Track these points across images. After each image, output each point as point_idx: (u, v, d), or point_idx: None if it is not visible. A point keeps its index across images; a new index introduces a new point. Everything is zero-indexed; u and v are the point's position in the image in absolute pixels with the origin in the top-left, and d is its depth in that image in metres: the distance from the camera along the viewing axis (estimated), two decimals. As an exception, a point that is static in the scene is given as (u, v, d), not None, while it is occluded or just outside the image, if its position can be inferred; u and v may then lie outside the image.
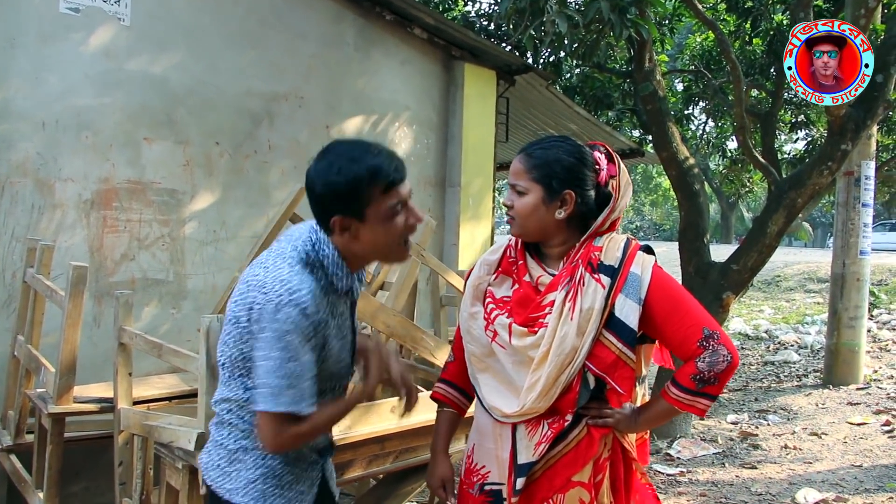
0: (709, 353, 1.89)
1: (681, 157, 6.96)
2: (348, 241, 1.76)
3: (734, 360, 1.88)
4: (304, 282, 1.68)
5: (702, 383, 1.89)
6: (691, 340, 1.90)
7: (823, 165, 6.03)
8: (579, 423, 1.97)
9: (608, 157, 2.06)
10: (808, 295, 15.95)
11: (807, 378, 9.33)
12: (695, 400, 1.92)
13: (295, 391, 1.67)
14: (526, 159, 2.00)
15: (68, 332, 3.30)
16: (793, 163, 12.34)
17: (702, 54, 10.90)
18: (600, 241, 2.00)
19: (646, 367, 2.10)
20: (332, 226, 1.74)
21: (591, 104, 9.63)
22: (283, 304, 1.64)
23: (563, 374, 1.92)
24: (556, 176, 1.96)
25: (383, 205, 1.73)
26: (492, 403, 2.03)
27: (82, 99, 4.59)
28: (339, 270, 1.77)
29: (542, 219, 1.98)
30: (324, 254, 1.76)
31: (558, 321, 1.92)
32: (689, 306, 1.95)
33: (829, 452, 6.26)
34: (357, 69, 6.06)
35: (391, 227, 1.76)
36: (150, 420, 3.02)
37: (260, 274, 1.72)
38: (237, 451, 1.85)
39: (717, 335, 1.90)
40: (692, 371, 1.90)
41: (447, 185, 6.84)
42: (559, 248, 2.04)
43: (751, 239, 6.51)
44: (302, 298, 1.66)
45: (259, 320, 1.66)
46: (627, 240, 2.02)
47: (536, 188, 1.97)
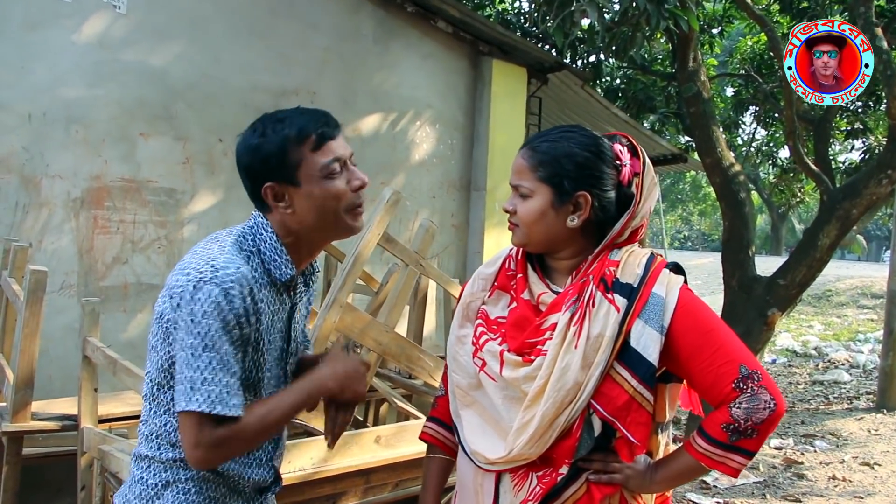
0: (746, 397, 1.52)
1: (726, 163, 6.77)
2: (286, 216, 1.61)
3: (778, 409, 1.52)
4: (232, 262, 1.53)
5: (736, 435, 1.53)
6: (725, 381, 1.55)
7: (883, 174, 5.78)
8: (577, 479, 1.62)
9: (631, 151, 1.71)
10: (861, 311, 15.64)
11: (858, 401, 8.94)
12: (726, 456, 1.55)
13: (212, 387, 1.46)
14: (530, 155, 1.68)
15: (25, 343, 3.07)
16: (848, 172, 12.03)
17: (752, 57, 10.77)
18: (618, 254, 1.66)
19: (671, 411, 1.73)
20: (264, 197, 1.59)
21: (633, 107, 9.50)
22: (203, 281, 1.47)
23: (561, 414, 1.58)
24: (567, 174, 1.64)
25: (316, 163, 1.58)
26: (473, 447, 1.70)
27: (72, 90, 4.40)
28: (277, 256, 1.60)
29: (551, 227, 1.66)
30: (261, 237, 1.61)
31: (559, 349, 1.59)
32: (723, 338, 1.58)
33: (883, 486, 5.85)
34: (375, 63, 5.85)
35: (330, 190, 1.60)
36: (105, 444, 2.75)
37: (186, 258, 1.57)
38: (157, 487, 1.63)
39: (757, 375, 1.53)
40: (724, 419, 1.54)
41: (472, 188, 6.64)
42: (569, 262, 1.70)
43: (800, 252, 6.26)
44: (226, 278, 1.49)
45: (179, 306, 1.48)
46: (651, 255, 1.68)
47: (543, 189, 1.65)
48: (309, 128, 1.58)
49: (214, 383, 1.46)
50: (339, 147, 1.63)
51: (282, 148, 1.56)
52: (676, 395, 1.72)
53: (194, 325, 1.46)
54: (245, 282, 1.51)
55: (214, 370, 1.46)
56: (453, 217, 6.40)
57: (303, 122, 1.58)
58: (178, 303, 1.48)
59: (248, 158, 1.59)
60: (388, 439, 2.94)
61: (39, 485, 4.05)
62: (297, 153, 1.57)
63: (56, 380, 4.28)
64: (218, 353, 1.47)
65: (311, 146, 1.58)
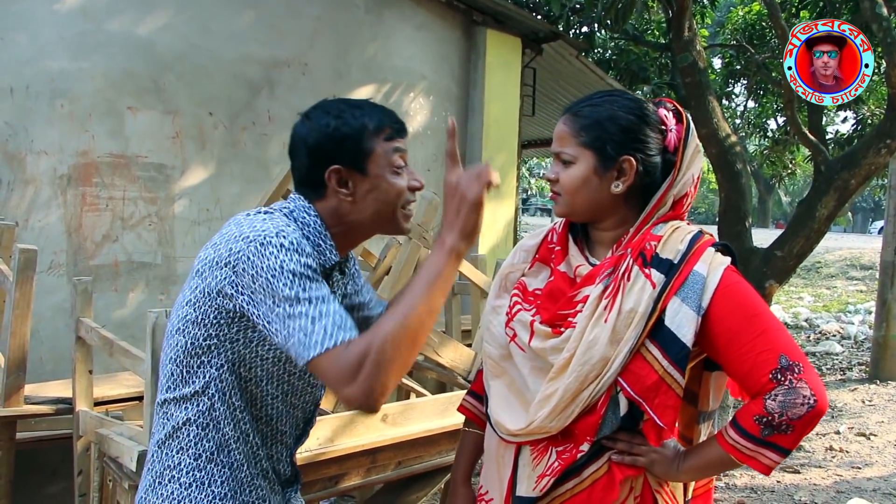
0: (784, 389, 1.42)
1: (722, 133, 6.70)
2: (343, 203, 1.55)
3: (819, 406, 1.41)
4: (289, 225, 1.46)
5: (769, 429, 1.43)
6: (762, 370, 1.45)
7: (881, 143, 5.73)
8: (599, 458, 1.54)
9: (676, 116, 1.63)
10: (851, 282, 15.76)
11: (851, 372, 9.04)
12: (757, 451, 1.46)
13: (326, 322, 1.37)
14: (572, 120, 1.61)
15: (15, 325, 2.96)
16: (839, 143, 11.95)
17: (744, 28, 10.68)
18: (662, 228, 1.59)
19: (715, 401, 1.65)
20: (327, 180, 1.52)
21: (626, 78, 9.41)
22: (268, 238, 1.40)
23: (585, 389, 1.51)
24: (611, 138, 1.57)
25: (388, 156, 1.55)
26: (497, 418, 1.65)
27: (56, 62, 4.25)
28: (321, 241, 1.54)
29: (595, 193, 1.59)
30: (304, 219, 1.54)
31: (588, 322, 1.52)
32: (766, 325, 1.48)
33: (880, 456, 5.90)
34: (368, 34, 5.73)
35: (395, 185, 1.56)
36: (103, 427, 2.67)
37: (227, 231, 1.48)
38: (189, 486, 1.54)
39: (798, 367, 1.43)
40: (758, 411, 1.44)
41: (467, 161, 6.52)
42: (613, 232, 1.63)
43: (797, 223, 6.21)
44: (291, 236, 1.42)
45: (245, 270, 1.40)
46: (699, 232, 1.59)
47: (587, 155, 1.58)
48: (385, 120, 1.56)
49: (325, 317, 1.37)
50: (405, 146, 1.61)
51: (359, 133, 1.53)
52: (723, 384, 1.65)
53: (276, 280, 1.37)
54: (308, 247, 1.44)
55: (318, 308, 1.37)
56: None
57: (380, 114, 1.57)
58: (244, 267, 1.40)
59: (318, 137, 1.54)
60: (395, 417, 2.86)
61: (33, 469, 3.96)
62: (372, 142, 1.54)
63: (48, 362, 4.17)
64: (315, 293, 1.38)
65: (385, 137, 1.56)
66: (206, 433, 1.51)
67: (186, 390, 1.51)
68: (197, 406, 1.50)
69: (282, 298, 1.37)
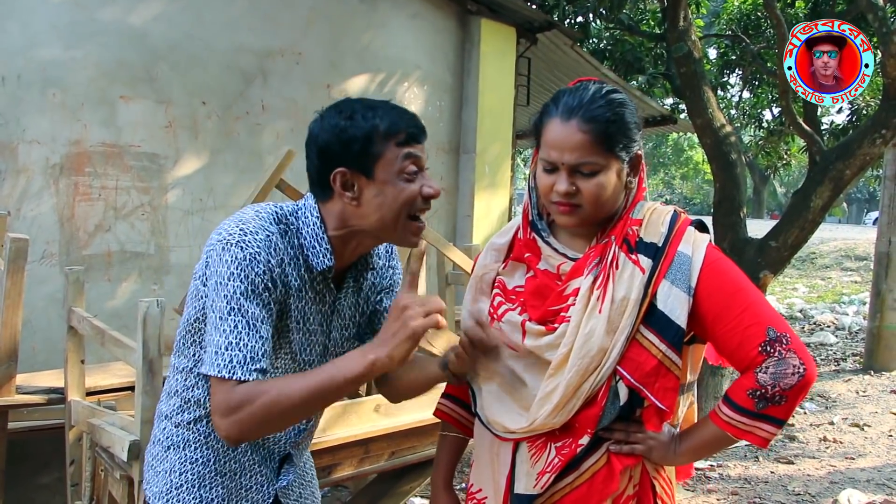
0: (774, 361, 1.43)
1: (717, 124, 6.66)
2: (348, 206, 1.52)
3: (808, 374, 1.43)
4: (264, 229, 1.48)
5: (763, 402, 1.44)
6: (751, 344, 1.45)
7: (876, 133, 5.65)
8: (598, 449, 1.54)
9: None
10: (846, 273, 15.70)
11: (845, 362, 9.04)
12: (753, 425, 1.47)
13: (235, 352, 1.40)
14: (590, 127, 1.50)
15: (7, 315, 2.96)
16: (834, 134, 11.93)
17: (740, 18, 10.62)
18: (639, 211, 1.58)
19: (693, 373, 1.64)
20: (331, 182, 1.51)
21: (621, 68, 9.34)
22: (231, 243, 1.44)
23: (586, 381, 1.50)
24: (632, 138, 1.55)
25: (398, 162, 1.50)
26: (492, 417, 1.62)
27: (48, 51, 4.22)
28: (316, 243, 1.53)
29: (616, 196, 1.56)
30: (304, 220, 1.54)
31: (583, 314, 1.51)
32: (750, 299, 1.49)
33: (874, 447, 5.93)
34: (362, 23, 5.71)
35: (404, 190, 1.51)
36: (95, 417, 2.67)
37: (225, 220, 1.53)
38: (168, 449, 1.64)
39: (786, 339, 1.44)
40: (750, 385, 1.45)
41: (461, 151, 6.54)
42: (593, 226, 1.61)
43: (792, 214, 6.16)
44: (254, 243, 1.45)
45: (208, 265, 1.47)
46: (675, 212, 1.58)
47: (614, 162, 1.53)
48: (400, 124, 1.51)
49: (239, 347, 1.41)
50: (421, 152, 1.55)
51: (368, 135, 1.49)
52: (700, 356, 1.64)
53: (221, 287, 1.42)
54: (275, 251, 1.47)
55: (239, 334, 1.41)
56: (442, 180, 6.29)
57: (395, 117, 1.52)
58: (208, 261, 1.47)
59: (327, 137, 1.51)
60: (388, 408, 2.88)
61: (25, 458, 3.95)
62: (381, 145, 1.50)
63: (40, 352, 4.16)
64: (244, 317, 1.42)
65: (397, 142, 1.51)
66: (188, 406, 1.60)
67: (180, 362, 1.60)
68: (184, 381, 1.60)
69: (218, 306, 1.42)
